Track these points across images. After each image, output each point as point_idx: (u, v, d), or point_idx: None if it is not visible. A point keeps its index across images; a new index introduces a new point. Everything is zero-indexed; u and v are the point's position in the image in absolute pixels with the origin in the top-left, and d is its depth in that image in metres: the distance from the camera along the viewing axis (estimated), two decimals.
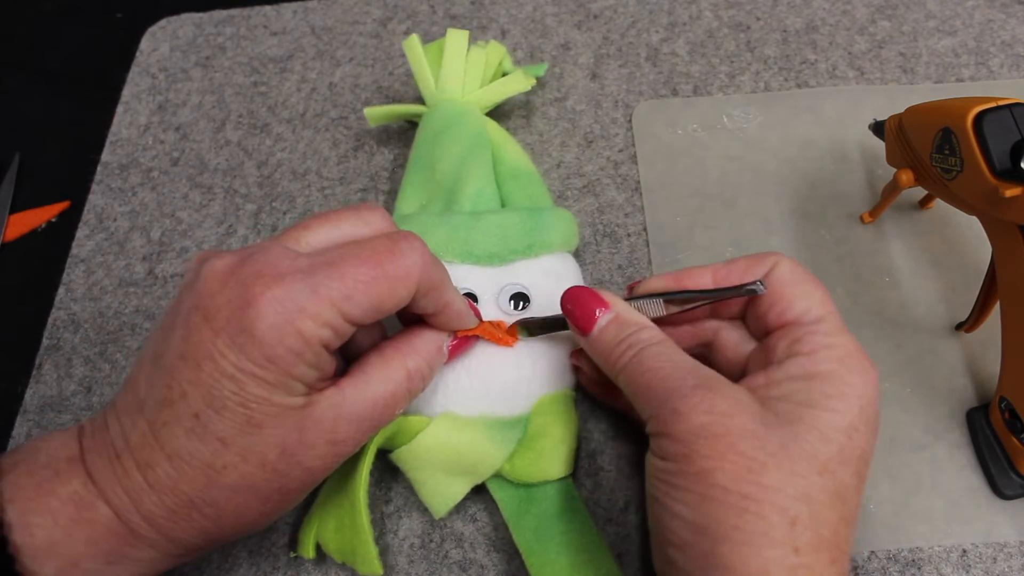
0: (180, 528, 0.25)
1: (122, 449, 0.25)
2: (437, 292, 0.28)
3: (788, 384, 0.26)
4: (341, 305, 0.24)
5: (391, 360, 0.28)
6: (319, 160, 0.46)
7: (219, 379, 0.24)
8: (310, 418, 0.25)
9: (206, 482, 0.24)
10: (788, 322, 0.27)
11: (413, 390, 0.28)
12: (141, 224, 0.44)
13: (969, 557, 0.32)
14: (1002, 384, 0.32)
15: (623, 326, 0.28)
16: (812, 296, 0.28)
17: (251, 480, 0.25)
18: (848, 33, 0.48)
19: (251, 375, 0.24)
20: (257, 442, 0.24)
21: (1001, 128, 0.29)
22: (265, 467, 0.25)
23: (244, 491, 0.25)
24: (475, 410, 0.32)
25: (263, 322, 0.23)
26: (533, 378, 0.33)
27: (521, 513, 0.32)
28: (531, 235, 0.36)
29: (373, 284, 0.25)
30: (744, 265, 0.29)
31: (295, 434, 0.25)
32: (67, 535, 0.24)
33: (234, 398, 0.24)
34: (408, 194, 0.39)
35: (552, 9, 0.51)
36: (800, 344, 0.26)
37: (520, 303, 0.35)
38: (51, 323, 0.41)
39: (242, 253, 0.25)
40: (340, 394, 0.26)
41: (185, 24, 0.53)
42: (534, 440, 0.32)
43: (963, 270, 0.38)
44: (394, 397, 0.27)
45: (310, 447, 0.25)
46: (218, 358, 0.24)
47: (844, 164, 0.43)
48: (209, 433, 0.24)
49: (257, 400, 0.24)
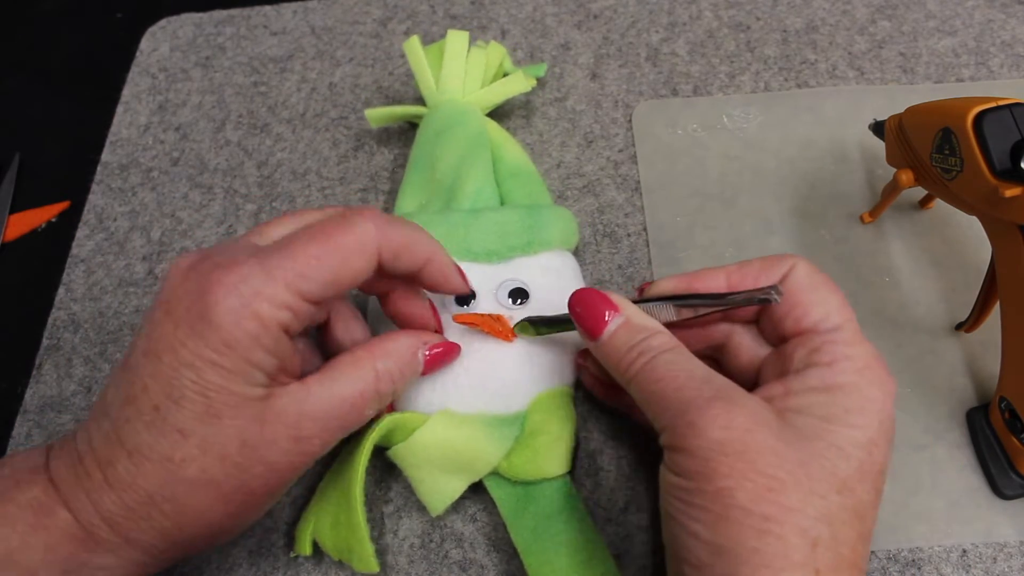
0: (139, 528, 0.24)
1: (85, 452, 0.25)
2: (410, 250, 0.27)
3: (807, 396, 0.25)
4: (296, 284, 0.24)
5: (361, 360, 0.28)
6: (319, 160, 0.46)
7: (178, 369, 0.24)
8: (271, 410, 0.25)
9: (165, 476, 0.24)
10: (805, 329, 0.27)
11: (382, 392, 0.28)
12: (141, 224, 0.44)
13: (969, 557, 0.32)
14: (1002, 384, 0.32)
15: (634, 331, 0.27)
16: (830, 302, 0.27)
17: (211, 474, 0.24)
18: (848, 33, 0.48)
19: (209, 362, 0.23)
20: (216, 433, 0.24)
21: (1001, 128, 0.29)
22: (225, 460, 0.24)
23: (204, 486, 0.24)
24: (472, 407, 0.32)
25: (219, 307, 0.23)
26: (531, 375, 0.33)
27: (519, 512, 0.32)
28: (530, 232, 0.36)
29: (324, 257, 0.25)
30: (759, 267, 0.28)
31: (255, 426, 0.24)
32: (24, 543, 0.24)
33: (192, 387, 0.24)
34: (408, 193, 0.39)
35: (552, 9, 0.51)
36: (819, 354, 0.26)
37: (519, 298, 0.35)
38: (51, 323, 0.41)
39: (206, 251, 0.26)
40: (305, 389, 0.26)
41: (185, 24, 0.53)
42: (531, 437, 0.32)
43: (963, 270, 0.38)
44: (362, 397, 0.27)
45: (272, 441, 0.25)
46: (178, 348, 0.24)
47: (844, 164, 0.43)
48: (168, 425, 0.24)
49: (216, 388, 0.24)
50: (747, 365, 0.29)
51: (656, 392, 0.26)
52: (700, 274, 0.29)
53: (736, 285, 0.29)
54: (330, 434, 0.27)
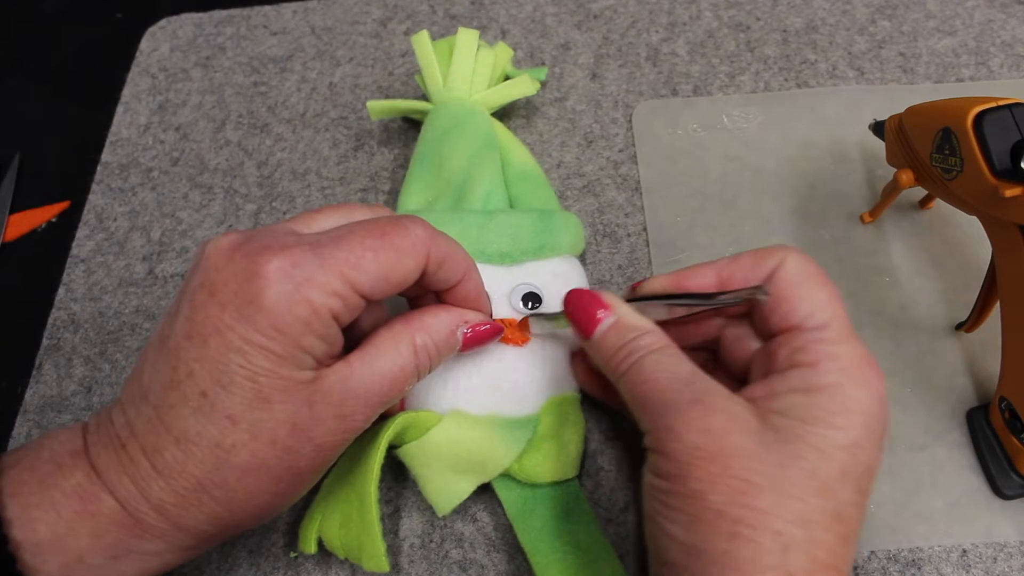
0: (190, 514, 0.24)
1: (127, 438, 0.24)
2: (452, 262, 0.28)
3: (788, 397, 0.24)
4: (349, 274, 0.24)
5: (400, 334, 0.27)
6: (319, 160, 0.46)
7: (226, 354, 0.23)
8: (319, 392, 0.25)
9: (216, 463, 0.24)
10: (791, 326, 0.26)
11: (420, 367, 0.28)
12: (141, 224, 0.44)
13: (969, 557, 0.32)
14: (1002, 384, 0.32)
15: (624, 330, 0.28)
16: (817, 298, 0.26)
17: (262, 459, 0.24)
18: (848, 33, 0.48)
19: (259, 347, 0.23)
20: (266, 418, 0.24)
21: (1001, 128, 0.29)
22: (276, 444, 0.24)
23: (255, 471, 0.24)
24: (484, 408, 0.32)
25: (271, 291, 0.23)
26: (543, 379, 0.33)
27: (526, 513, 0.32)
28: (542, 237, 0.36)
29: (380, 252, 0.25)
30: (750, 261, 0.28)
31: (305, 409, 0.24)
32: (71, 529, 0.23)
33: (242, 372, 0.23)
34: (414, 190, 0.39)
35: (552, 9, 0.51)
36: (802, 353, 0.25)
37: (531, 302, 0.35)
38: (51, 323, 0.41)
39: (248, 232, 0.25)
40: (348, 367, 0.26)
41: (185, 24, 0.53)
42: (543, 441, 0.32)
43: (963, 270, 0.38)
44: (402, 372, 0.27)
45: (320, 422, 0.25)
46: (225, 332, 0.23)
47: (844, 164, 0.43)
48: (217, 411, 0.23)
49: (266, 373, 0.23)
50: (740, 360, 0.29)
51: (640, 394, 0.26)
52: (690, 271, 0.29)
53: (726, 281, 0.28)
54: (372, 410, 0.26)
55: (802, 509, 0.22)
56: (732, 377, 0.30)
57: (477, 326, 0.30)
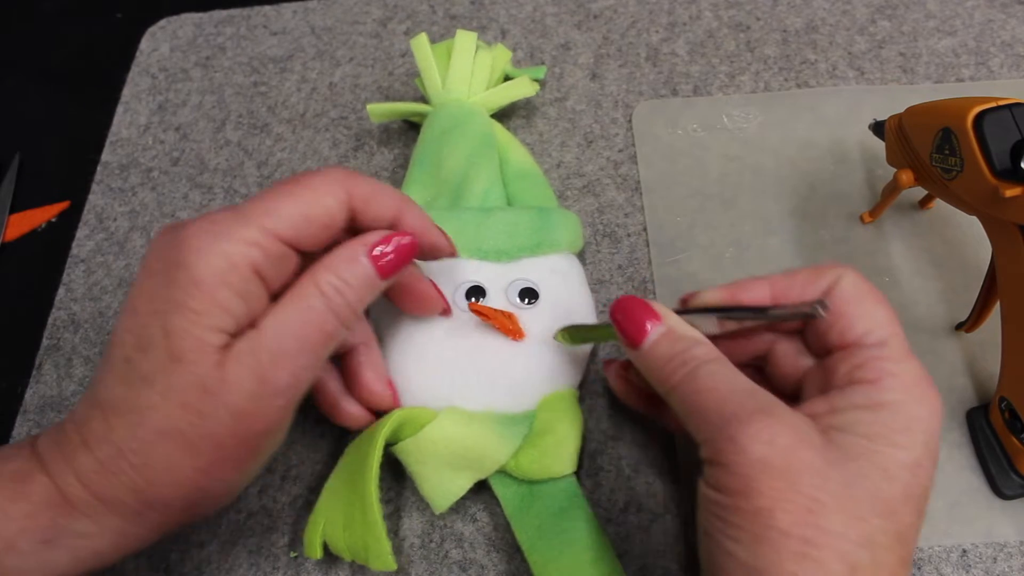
0: (110, 484, 0.24)
1: (68, 419, 0.25)
2: (380, 197, 0.27)
3: (851, 414, 0.24)
4: (263, 221, 0.25)
5: (303, 281, 0.26)
6: (319, 160, 0.46)
7: (148, 317, 0.24)
8: (232, 353, 0.24)
9: (132, 427, 0.24)
10: (850, 343, 0.26)
11: (336, 309, 0.26)
12: (141, 224, 0.44)
13: (969, 557, 0.32)
14: (1002, 384, 0.32)
15: (675, 340, 0.27)
16: (876, 315, 0.26)
17: (174, 422, 0.24)
18: (848, 33, 0.48)
19: (177, 305, 0.24)
20: (176, 380, 0.24)
21: (1001, 128, 0.29)
22: (187, 408, 0.24)
23: (168, 437, 0.24)
24: (480, 404, 0.32)
25: (188, 248, 0.24)
26: (540, 375, 0.33)
27: (524, 510, 0.32)
28: (540, 234, 0.36)
29: (294, 194, 0.26)
30: (805, 278, 0.27)
31: (215, 371, 0.24)
32: (3, 513, 0.24)
33: (159, 332, 0.24)
34: (413, 190, 0.39)
35: (552, 9, 0.51)
36: (864, 370, 0.25)
37: (528, 298, 0.35)
38: (51, 323, 0.41)
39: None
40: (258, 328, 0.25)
41: (185, 24, 0.53)
42: (539, 437, 0.32)
43: (963, 270, 0.38)
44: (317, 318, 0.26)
45: (235, 384, 0.24)
46: (152, 298, 0.24)
47: (844, 164, 0.43)
48: (135, 375, 0.24)
49: (179, 332, 0.24)
50: (790, 376, 0.29)
51: (697, 404, 0.25)
52: (744, 284, 0.28)
53: (780, 296, 0.28)
54: (296, 367, 0.25)
55: (867, 530, 0.22)
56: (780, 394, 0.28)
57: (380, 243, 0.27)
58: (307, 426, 0.37)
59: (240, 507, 0.35)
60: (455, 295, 0.34)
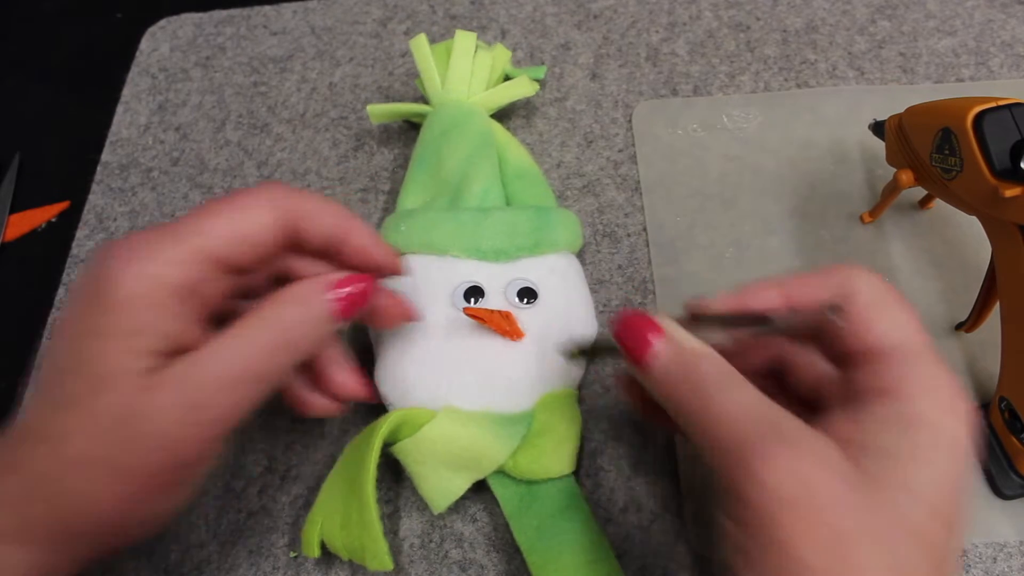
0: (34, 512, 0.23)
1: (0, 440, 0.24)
2: (322, 214, 0.26)
3: (878, 431, 0.22)
4: (192, 240, 0.24)
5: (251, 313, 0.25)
6: (319, 160, 0.46)
7: (72, 341, 0.24)
8: (160, 378, 0.23)
9: (53, 453, 0.23)
10: (870, 350, 0.24)
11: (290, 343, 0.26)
12: (141, 224, 0.44)
13: (969, 557, 0.32)
14: (1002, 384, 0.32)
15: (680, 356, 0.25)
16: (898, 320, 0.24)
17: (96, 449, 0.23)
18: (848, 33, 0.48)
19: (96, 330, 0.23)
20: (98, 405, 0.23)
21: (1001, 128, 0.29)
22: (109, 434, 0.23)
23: (91, 464, 0.23)
24: (478, 404, 0.32)
25: (111, 270, 0.23)
26: (538, 375, 0.33)
27: (522, 510, 0.32)
28: (538, 233, 0.36)
29: (224, 212, 0.25)
30: (819, 281, 0.25)
31: (139, 396, 0.23)
32: None
33: (81, 357, 0.23)
34: (412, 190, 0.39)
35: (552, 9, 0.51)
36: (887, 380, 0.23)
37: (527, 298, 0.35)
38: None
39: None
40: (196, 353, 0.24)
41: (185, 24, 0.53)
42: (537, 437, 0.32)
43: (963, 270, 0.38)
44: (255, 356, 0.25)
45: (160, 411, 0.23)
46: (76, 322, 0.24)
47: (844, 164, 0.43)
48: (59, 400, 0.23)
49: (100, 357, 0.23)
50: (808, 381, 0.27)
51: (708, 428, 0.23)
52: (753, 290, 0.26)
53: (793, 300, 0.26)
54: (236, 397, 0.24)
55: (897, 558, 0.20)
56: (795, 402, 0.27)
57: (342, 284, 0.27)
58: (307, 426, 0.37)
59: (240, 507, 0.35)
60: (454, 295, 0.34)
